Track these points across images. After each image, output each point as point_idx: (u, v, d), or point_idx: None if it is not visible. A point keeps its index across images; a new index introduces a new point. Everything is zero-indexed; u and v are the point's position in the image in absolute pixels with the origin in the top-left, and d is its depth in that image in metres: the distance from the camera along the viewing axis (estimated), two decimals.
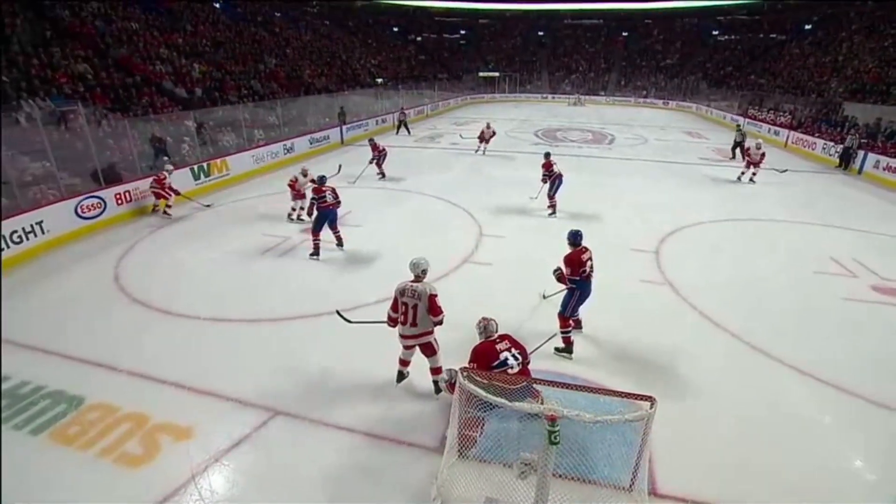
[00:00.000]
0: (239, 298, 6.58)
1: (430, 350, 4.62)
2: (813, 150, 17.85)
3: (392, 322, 4.61)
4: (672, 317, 6.27)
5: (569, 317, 5.29)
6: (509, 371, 3.85)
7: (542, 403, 3.86)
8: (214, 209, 10.64)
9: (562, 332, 5.31)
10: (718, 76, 37.31)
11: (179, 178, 10.75)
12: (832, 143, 16.67)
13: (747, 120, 25.17)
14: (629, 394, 3.32)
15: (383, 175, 13.18)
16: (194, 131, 12.96)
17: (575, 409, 2.84)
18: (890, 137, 15.72)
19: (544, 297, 6.21)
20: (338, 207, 7.90)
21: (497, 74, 43.38)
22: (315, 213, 7.89)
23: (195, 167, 11.66)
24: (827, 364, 5.17)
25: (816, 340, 5.74)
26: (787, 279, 7.32)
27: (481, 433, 3.75)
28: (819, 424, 4.45)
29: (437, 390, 4.65)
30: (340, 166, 11.40)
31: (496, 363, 3.87)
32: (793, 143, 19.72)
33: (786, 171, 11.98)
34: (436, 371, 4.66)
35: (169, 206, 9.99)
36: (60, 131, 10.75)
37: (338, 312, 5.43)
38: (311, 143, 16.77)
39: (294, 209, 9.85)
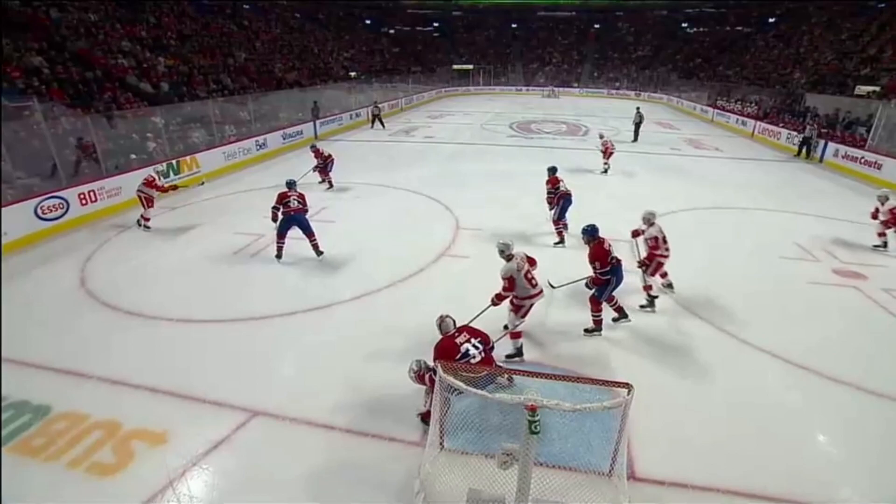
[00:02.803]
0: (212, 299, 6.43)
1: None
2: (778, 139, 18.45)
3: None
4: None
5: (601, 301, 5.47)
6: (472, 361, 4.01)
7: (510, 383, 4.02)
8: (186, 207, 10.34)
9: (593, 315, 5.55)
10: (688, 68, 38.12)
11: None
12: (795, 133, 17.25)
13: (716, 111, 25.82)
14: (607, 381, 3.38)
15: (330, 185, 11.66)
16: (161, 128, 12.53)
17: (554, 399, 2.87)
18: (847, 127, 16.36)
19: (552, 286, 6.14)
20: (304, 213, 7.55)
21: (471, 67, 43.29)
22: (280, 217, 7.45)
23: (163, 165, 11.26)
24: (797, 346, 5.35)
25: (786, 324, 5.95)
26: (756, 265, 7.56)
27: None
28: (791, 405, 4.61)
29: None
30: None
31: (458, 356, 4.01)
32: (759, 132, 20.32)
33: None
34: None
35: (147, 220, 8.97)
36: (15, 128, 10.22)
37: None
38: (283, 139, 16.45)
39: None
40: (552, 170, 8.80)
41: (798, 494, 3.61)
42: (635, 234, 6.54)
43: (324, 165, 11.56)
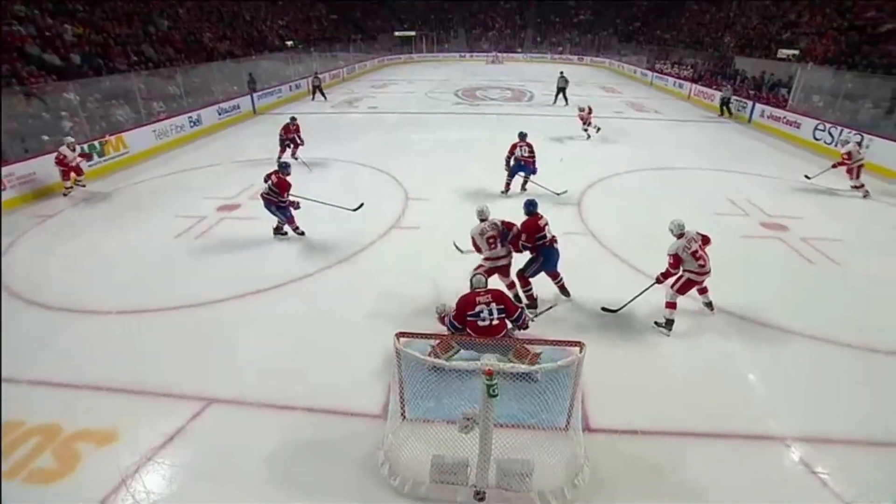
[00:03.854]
0: (156, 287, 6.08)
1: (508, 271, 5.42)
2: (712, 101, 19.29)
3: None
4: (596, 265, 6.67)
5: (528, 276, 5.45)
6: (479, 323, 4.09)
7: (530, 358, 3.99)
8: (116, 192, 9.60)
9: (523, 291, 5.54)
10: (628, 32, 38.79)
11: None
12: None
13: (655, 74, 26.58)
14: (560, 341, 3.52)
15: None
16: (77, 105, 11.41)
17: (510, 362, 2.96)
18: (772, 89, 17.34)
19: (459, 249, 6.00)
20: (270, 202, 7.05)
21: (413, 34, 42.11)
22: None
23: (85, 146, 10.21)
24: (737, 297, 5.70)
25: (725, 276, 6.29)
26: (694, 221, 7.85)
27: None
28: (729, 350, 4.95)
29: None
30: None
31: (470, 312, 4.11)
32: (695, 94, 21.18)
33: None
34: (512, 286, 5.47)
35: (79, 181, 9.41)
36: None
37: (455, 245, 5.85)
38: (219, 114, 15.50)
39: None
40: (521, 135, 9.13)
41: (737, 430, 3.96)
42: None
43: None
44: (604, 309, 5.40)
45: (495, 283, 5.18)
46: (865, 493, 3.42)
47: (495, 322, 4.12)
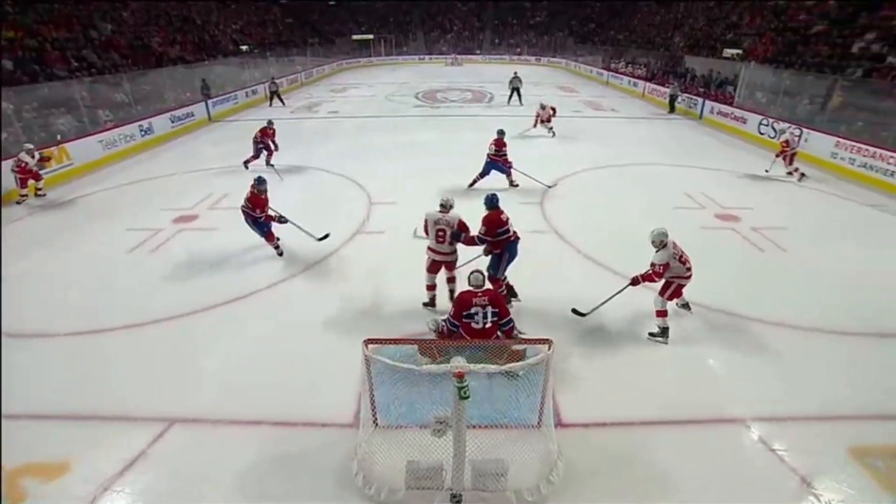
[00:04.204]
0: (109, 305, 5.76)
1: (454, 266, 5.49)
2: (665, 98, 19.98)
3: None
4: (560, 262, 6.79)
5: (500, 279, 5.42)
6: (473, 325, 4.11)
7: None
8: (60, 208, 9.08)
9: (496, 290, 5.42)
10: (583, 32, 39.79)
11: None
12: (682, 93, 18.82)
13: (610, 73, 27.37)
14: (529, 339, 3.56)
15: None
16: (11, 114, 10.70)
17: (480, 363, 2.96)
18: (719, 86, 18.18)
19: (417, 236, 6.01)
20: (248, 216, 6.65)
21: (371, 37, 41.83)
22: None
23: (44, 150, 9.83)
24: (698, 287, 5.85)
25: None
26: (653, 216, 8.20)
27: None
28: (691, 337, 5.14)
29: (452, 297, 5.38)
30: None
31: (466, 313, 4.12)
32: (648, 93, 21.93)
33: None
34: (452, 280, 5.58)
35: (39, 190, 9.36)
36: None
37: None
38: (172, 122, 14.90)
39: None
40: (499, 132, 9.60)
41: (701, 416, 4.11)
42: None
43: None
44: (574, 311, 5.40)
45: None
46: (818, 465, 3.62)
47: (488, 325, 4.14)
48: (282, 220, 6.83)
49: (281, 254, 6.86)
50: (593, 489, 3.45)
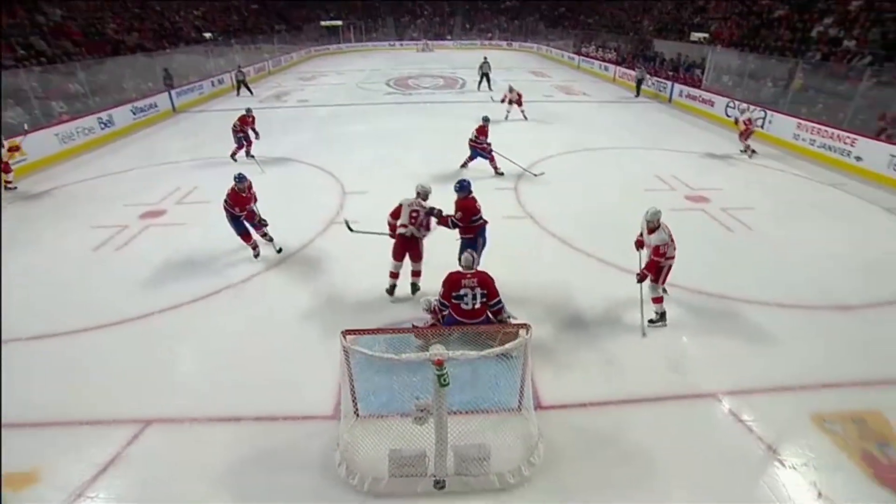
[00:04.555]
0: (78, 306, 5.54)
1: (420, 257, 5.48)
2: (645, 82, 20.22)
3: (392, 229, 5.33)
4: (535, 246, 6.85)
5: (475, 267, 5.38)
6: (462, 306, 4.24)
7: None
8: (18, 205, 8.65)
9: None
10: (554, 17, 39.79)
11: None
12: (649, 76, 19.08)
13: (581, 57, 27.49)
14: (507, 324, 3.59)
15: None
16: None
17: (458, 350, 2.98)
18: (688, 70, 18.49)
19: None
20: (229, 212, 6.33)
21: (340, 23, 40.93)
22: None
23: (16, 138, 9.42)
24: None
25: None
26: (625, 198, 8.40)
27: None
28: (670, 320, 5.19)
29: (415, 290, 5.56)
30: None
31: (455, 294, 4.24)
32: (619, 77, 22.14)
33: None
34: (417, 274, 5.58)
35: (8, 183, 9.12)
36: None
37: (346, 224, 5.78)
38: (134, 114, 14.32)
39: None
40: (484, 119, 9.78)
41: (674, 392, 4.23)
42: (639, 245, 5.28)
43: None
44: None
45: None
46: (783, 433, 3.81)
47: (478, 306, 4.25)
48: (261, 223, 6.46)
49: (258, 255, 6.53)
50: (574, 468, 3.53)
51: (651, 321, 5.10)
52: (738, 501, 3.33)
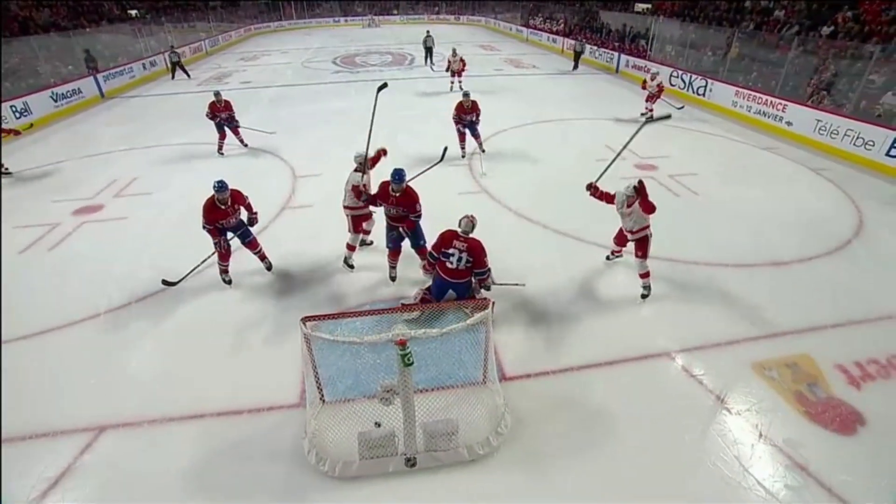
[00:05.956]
0: (8, 313, 5.13)
1: (369, 218, 5.75)
2: (583, 54, 20.45)
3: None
4: (493, 221, 6.87)
5: (424, 245, 5.30)
6: (447, 265, 4.52)
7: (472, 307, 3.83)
8: None
9: (424, 260, 5.35)
10: None
11: None
12: (595, 47, 19.32)
13: (530, 30, 27.44)
14: (469, 300, 3.61)
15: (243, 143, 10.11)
16: None
17: (421, 328, 2.98)
18: (633, 40, 18.83)
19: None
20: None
21: None
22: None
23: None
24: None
25: (609, 219, 6.87)
26: (578, 169, 8.50)
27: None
28: (618, 281, 5.51)
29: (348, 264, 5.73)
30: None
31: (444, 251, 4.54)
32: (567, 49, 22.26)
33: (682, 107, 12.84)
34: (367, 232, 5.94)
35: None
36: None
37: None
38: (55, 101, 13.16)
39: None
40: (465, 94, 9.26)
41: (631, 353, 4.42)
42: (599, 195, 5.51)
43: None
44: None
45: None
46: (728, 383, 4.09)
47: (461, 268, 4.50)
48: (221, 244, 5.25)
49: (229, 282, 5.58)
50: (540, 434, 3.66)
51: (644, 297, 5.21)
52: (691, 449, 3.56)
